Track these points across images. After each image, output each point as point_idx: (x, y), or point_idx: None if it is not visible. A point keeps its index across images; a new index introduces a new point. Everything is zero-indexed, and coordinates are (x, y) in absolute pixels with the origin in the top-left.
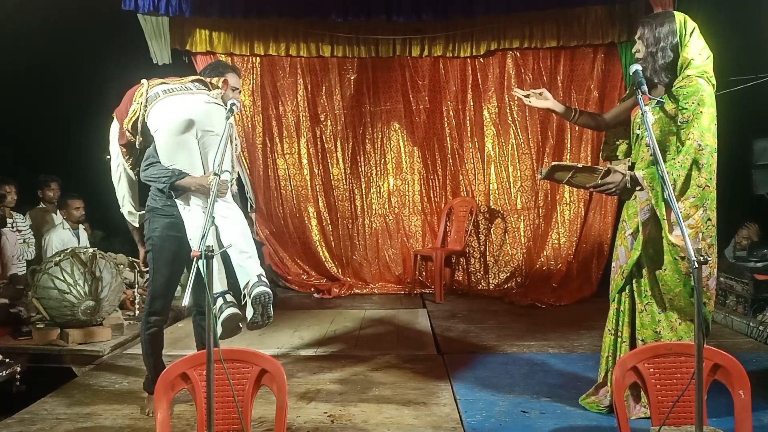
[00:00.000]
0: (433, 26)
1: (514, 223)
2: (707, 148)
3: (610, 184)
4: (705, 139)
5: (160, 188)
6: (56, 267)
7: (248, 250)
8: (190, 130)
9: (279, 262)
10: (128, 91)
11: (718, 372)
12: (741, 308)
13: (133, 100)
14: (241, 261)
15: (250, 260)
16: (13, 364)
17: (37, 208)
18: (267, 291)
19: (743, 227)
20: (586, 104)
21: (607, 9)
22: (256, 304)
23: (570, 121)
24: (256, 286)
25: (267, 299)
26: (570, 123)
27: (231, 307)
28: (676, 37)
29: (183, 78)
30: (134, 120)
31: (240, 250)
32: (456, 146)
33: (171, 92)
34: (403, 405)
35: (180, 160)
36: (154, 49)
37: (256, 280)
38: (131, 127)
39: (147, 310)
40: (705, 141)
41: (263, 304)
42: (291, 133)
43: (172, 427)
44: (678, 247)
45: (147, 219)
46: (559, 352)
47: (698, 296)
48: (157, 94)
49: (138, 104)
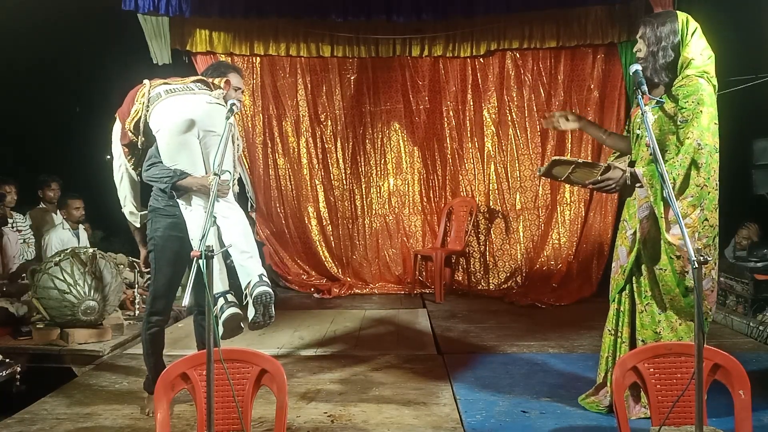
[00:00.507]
0: (433, 26)
1: (514, 223)
2: (706, 148)
3: (609, 180)
4: (704, 138)
5: (162, 188)
6: (56, 267)
7: (249, 249)
8: (192, 130)
9: (279, 262)
10: (130, 91)
11: (718, 372)
12: (741, 308)
13: (135, 100)
14: (243, 261)
15: (252, 260)
16: (13, 364)
17: (37, 208)
18: (268, 291)
19: (743, 227)
20: (586, 104)
21: (607, 9)
22: (258, 304)
23: (601, 141)
24: (257, 286)
25: (268, 299)
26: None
27: (232, 307)
28: (677, 36)
29: (185, 78)
30: (136, 120)
31: (241, 250)
32: (456, 146)
33: (173, 92)
34: (403, 405)
35: (182, 160)
36: (154, 49)
37: (257, 280)
38: (133, 127)
39: (148, 310)
40: (704, 140)
41: (265, 303)
42: (291, 133)
43: (172, 427)
44: (674, 246)
45: (149, 219)
46: (559, 352)
47: (698, 296)
48: (159, 95)
49: (140, 104)
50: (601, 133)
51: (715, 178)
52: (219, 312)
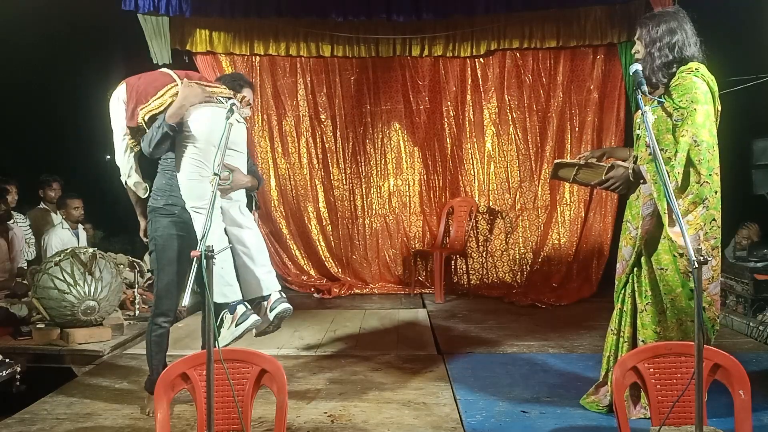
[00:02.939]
0: (433, 26)
1: (513, 223)
2: (703, 144)
3: (614, 179)
4: (700, 135)
5: (161, 134)
6: (56, 267)
7: (267, 263)
8: (215, 144)
9: (279, 262)
10: (154, 72)
11: (718, 372)
12: (741, 308)
13: (162, 92)
14: (263, 274)
15: (271, 275)
16: (13, 364)
17: (37, 209)
18: (289, 307)
19: (743, 227)
20: (586, 104)
21: (606, 9)
22: (278, 319)
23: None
24: (280, 302)
25: (288, 315)
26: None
27: (253, 315)
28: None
29: (219, 86)
30: (156, 113)
31: (262, 263)
32: (456, 146)
33: (209, 101)
34: (403, 405)
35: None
36: (154, 49)
37: (278, 296)
38: (148, 119)
39: (154, 312)
40: (700, 137)
41: (283, 318)
42: (291, 132)
43: (172, 427)
44: (677, 243)
45: (149, 220)
46: (559, 352)
47: (698, 296)
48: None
49: (166, 100)
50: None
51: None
52: (240, 319)
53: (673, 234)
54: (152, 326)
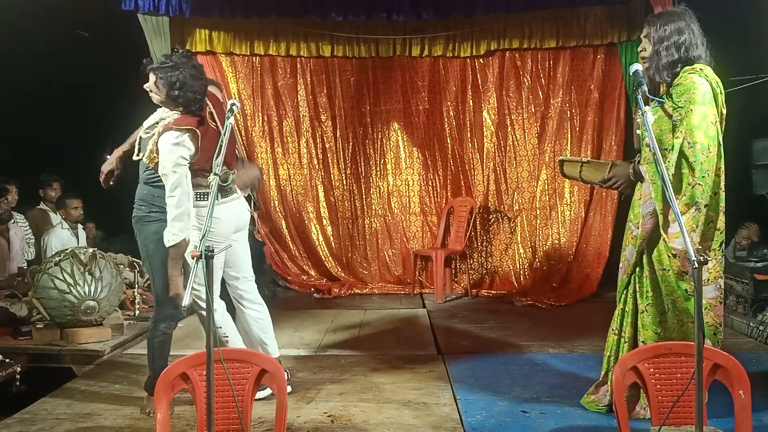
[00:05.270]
0: (433, 26)
1: (513, 223)
2: (697, 146)
3: (616, 177)
4: (694, 136)
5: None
6: (56, 267)
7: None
8: None
9: (279, 262)
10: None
11: (718, 372)
12: (741, 308)
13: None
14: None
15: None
16: (13, 364)
17: (37, 209)
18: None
19: (743, 227)
20: (586, 104)
21: (606, 9)
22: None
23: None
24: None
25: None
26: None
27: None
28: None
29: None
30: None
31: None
32: (456, 146)
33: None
34: (403, 405)
35: None
36: (154, 49)
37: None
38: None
39: (155, 317)
40: (694, 138)
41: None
42: (291, 133)
43: (172, 427)
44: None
45: (136, 231)
46: (559, 352)
47: (698, 295)
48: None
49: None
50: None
51: (711, 178)
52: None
53: (666, 235)
54: (155, 332)
